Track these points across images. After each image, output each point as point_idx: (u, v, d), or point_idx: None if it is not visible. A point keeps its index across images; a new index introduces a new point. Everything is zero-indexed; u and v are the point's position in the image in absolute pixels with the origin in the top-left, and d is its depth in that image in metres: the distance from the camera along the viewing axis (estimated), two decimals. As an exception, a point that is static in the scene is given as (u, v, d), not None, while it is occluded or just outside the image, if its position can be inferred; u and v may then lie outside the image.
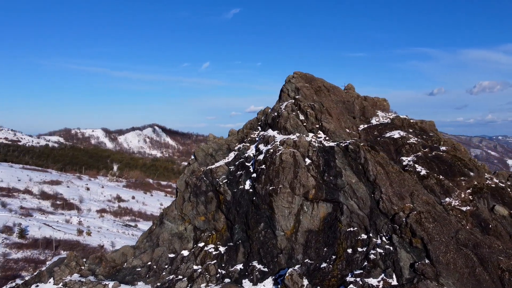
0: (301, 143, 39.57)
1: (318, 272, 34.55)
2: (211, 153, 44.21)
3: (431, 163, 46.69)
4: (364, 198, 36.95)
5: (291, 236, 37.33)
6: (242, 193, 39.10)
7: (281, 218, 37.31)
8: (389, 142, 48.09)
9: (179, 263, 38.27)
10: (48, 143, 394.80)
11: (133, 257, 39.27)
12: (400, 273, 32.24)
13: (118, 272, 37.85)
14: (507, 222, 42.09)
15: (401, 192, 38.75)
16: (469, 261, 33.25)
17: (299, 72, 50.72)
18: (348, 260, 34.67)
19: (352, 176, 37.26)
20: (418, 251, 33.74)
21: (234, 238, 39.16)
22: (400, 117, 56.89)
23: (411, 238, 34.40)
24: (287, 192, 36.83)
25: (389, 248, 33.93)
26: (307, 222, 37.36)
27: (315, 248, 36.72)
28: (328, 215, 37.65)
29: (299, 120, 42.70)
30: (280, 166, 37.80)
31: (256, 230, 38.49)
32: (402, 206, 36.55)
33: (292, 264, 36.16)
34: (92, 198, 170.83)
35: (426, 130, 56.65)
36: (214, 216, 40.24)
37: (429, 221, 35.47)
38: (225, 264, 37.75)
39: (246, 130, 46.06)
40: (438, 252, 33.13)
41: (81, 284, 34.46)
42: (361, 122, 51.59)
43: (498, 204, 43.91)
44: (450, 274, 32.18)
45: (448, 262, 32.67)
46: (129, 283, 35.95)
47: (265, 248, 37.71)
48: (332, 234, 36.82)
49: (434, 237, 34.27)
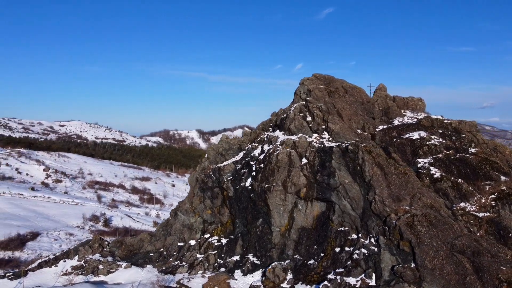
0: (300, 144, 40.73)
1: (304, 268, 35.64)
2: (221, 152, 47.35)
3: (451, 166, 44.07)
4: (357, 198, 36.95)
5: (285, 232, 38.79)
6: (242, 190, 41.57)
7: (276, 215, 38.99)
8: (406, 143, 46.34)
9: (185, 251, 42.09)
10: (148, 143, 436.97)
11: (149, 243, 44.17)
12: (380, 275, 31.98)
13: (134, 255, 43.00)
14: None
15: (400, 194, 37.71)
16: (461, 268, 31.51)
17: (318, 74, 51.30)
18: (334, 259, 35.17)
19: (346, 176, 37.47)
20: (405, 254, 32.94)
21: (235, 232, 41.80)
22: (431, 117, 53.95)
23: (399, 240, 33.66)
24: (279, 190, 38.40)
25: (373, 249, 33.71)
26: (300, 219, 38.49)
27: (306, 245, 37.76)
28: (322, 214, 38.34)
29: (304, 121, 43.73)
30: (276, 165, 39.48)
31: (254, 225, 40.67)
32: (395, 208, 35.71)
33: (283, 258, 37.67)
34: (176, 194, 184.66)
35: (460, 131, 52.95)
36: (220, 210, 43.30)
37: (422, 225, 34.22)
38: (224, 254, 40.57)
39: (258, 131, 48.25)
40: (424, 256, 31.98)
41: (99, 262, 40.21)
42: (382, 123, 50.37)
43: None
44: (435, 280, 30.98)
45: (435, 267, 31.41)
46: (140, 265, 40.72)
47: (261, 242, 39.72)
48: (324, 232, 37.49)
49: (424, 241, 33.05)
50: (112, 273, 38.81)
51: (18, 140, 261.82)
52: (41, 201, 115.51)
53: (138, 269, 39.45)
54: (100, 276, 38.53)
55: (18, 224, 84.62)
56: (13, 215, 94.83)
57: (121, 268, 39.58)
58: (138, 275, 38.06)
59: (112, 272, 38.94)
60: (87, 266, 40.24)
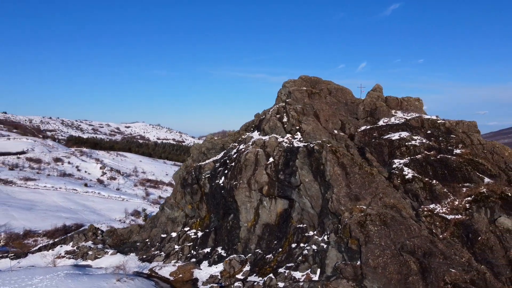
0: (270, 143, 42.49)
1: (261, 261, 37.56)
2: (204, 151, 50.06)
3: (427, 167, 43.45)
4: (315, 197, 38.11)
5: (251, 227, 40.84)
6: (216, 187, 44.08)
7: (244, 211, 41.14)
8: (384, 144, 46.13)
9: (166, 242, 45.50)
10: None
11: (137, 234, 48.11)
12: (324, 270, 33.14)
13: (123, 244, 47.17)
14: (511, 236, 37.45)
15: (360, 193, 38.21)
16: (405, 268, 31.77)
17: (304, 76, 52.36)
18: (288, 254, 36.71)
19: (307, 175, 38.73)
20: (352, 252, 33.71)
21: (210, 226, 44.51)
22: (422, 117, 52.85)
23: (349, 239, 34.50)
24: (244, 187, 40.48)
25: (323, 246, 34.86)
26: (265, 216, 40.34)
27: (268, 240, 39.59)
28: (284, 211, 39.90)
29: (280, 122, 45.30)
30: (243, 164, 41.59)
31: (226, 220, 43.13)
32: (351, 207, 36.39)
33: (246, 252, 39.82)
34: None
35: (453, 132, 51.41)
36: (199, 205, 46.18)
37: (375, 224, 34.67)
38: (198, 246, 43.42)
39: (241, 132, 50.37)
40: (369, 255, 32.55)
41: (89, 249, 44.80)
42: (366, 123, 50.40)
43: (507, 217, 39.03)
44: (376, 278, 31.53)
45: (377, 266, 31.91)
46: (125, 253, 44.71)
47: (230, 236, 42.11)
48: (284, 229, 39.09)
49: (372, 240, 33.55)
50: (98, 258, 43.21)
51: (85, 140, 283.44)
52: (91, 196, 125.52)
53: (121, 256, 43.52)
54: (88, 261, 43.10)
55: (67, 216, 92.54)
56: (64, 208, 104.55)
57: (107, 255, 43.89)
58: (119, 262, 42.07)
59: (99, 258, 43.34)
60: (78, 252, 45.09)
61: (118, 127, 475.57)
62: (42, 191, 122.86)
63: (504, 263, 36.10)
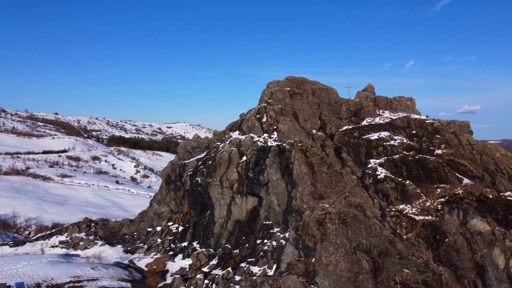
0: (245, 143, 43.91)
1: (228, 256, 39.15)
2: (189, 150, 52.06)
3: (402, 167, 43.23)
4: (282, 195, 39.16)
5: (224, 223, 42.50)
6: (196, 184, 46.05)
7: (218, 207, 42.87)
8: (362, 144, 46.14)
9: (151, 235, 48.07)
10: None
11: (127, 227, 51.08)
12: (279, 266, 34.24)
13: (113, 236, 50.28)
14: (482, 239, 37.08)
15: (325, 192, 38.82)
16: (357, 266, 32.28)
17: (290, 77, 53.13)
18: (252, 249, 38.07)
19: (274, 174, 39.83)
20: (308, 249, 34.53)
21: (190, 221, 46.61)
22: (409, 117, 52.16)
23: (307, 236, 35.36)
24: (217, 185, 42.17)
25: (281, 243, 35.96)
26: (237, 212, 41.85)
27: (237, 236, 41.11)
28: (254, 208, 41.22)
29: (258, 122, 46.54)
30: (218, 162, 43.26)
31: (203, 216, 45.04)
32: (313, 206, 37.15)
33: (217, 247, 41.56)
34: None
35: (440, 132, 50.38)
36: (181, 201, 48.35)
37: (333, 223, 35.26)
38: (177, 240, 45.60)
39: (226, 131, 51.97)
40: (323, 252, 33.26)
41: (81, 240, 48.25)
42: (349, 123, 50.53)
43: (480, 219, 38.51)
44: (327, 275, 32.24)
45: (329, 263, 32.59)
46: (113, 245, 47.69)
47: (205, 231, 44.00)
48: (253, 225, 40.45)
49: (328, 238, 34.19)
50: (88, 249, 46.48)
51: (126, 140, 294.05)
52: (121, 193, 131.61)
53: (108, 247, 46.57)
54: (78, 251, 46.48)
55: (94, 211, 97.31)
56: (94, 203, 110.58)
57: (96, 246, 47.09)
58: (105, 252, 45.15)
59: (88, 248, 46.62)
60: (70, 242, 48.63)
61: (160, 127, 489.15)
62: (76, 187, 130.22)
63: (469, 266, 35.59)
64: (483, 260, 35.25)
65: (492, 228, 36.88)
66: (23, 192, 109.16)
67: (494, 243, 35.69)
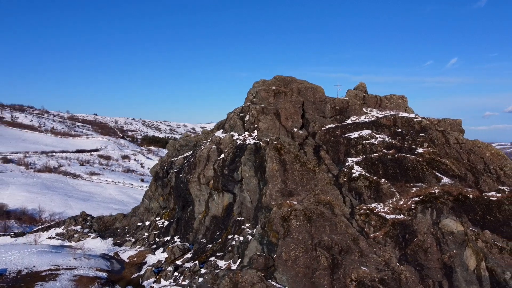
0: (224, 141, 45.20)
1: (201, 250, 40.64)
2: (177, 148, 53.78)
3: (379, 166, 43.08)
4: (254, 191, 40.18)
5: (202, 219, 44.01)
6: (179, 181, 47.80)
7: (197, 203, 44.46)
8: (342, 142, 46.19)
9: (140, 229, 50.34)
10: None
11: (120, 221, 53.64)
12: (242, 261, 35.36)
13: (106, 230, 52.99)
14: (454, 239, 36.96)
15: (295, 189, 39.42)
16: (315, 263, 32.90)
17: (279, 76, 53.73)
18: (224, 244, 39.36)
19: (248, 171, 40.87)
20: (272, 245, 35.44)
21: (174, 216, 48.46)
22: (396, 115, 51.57)
23: (271, 232, 36.24)
24: (195, 181, 43.71)
25: (248, 238, 37.04)
26: (214, 208, 43.24)
27: (213, 231, 42.54)
28: (229, 204, 42.48)
29: (240, 120, 47.63)
30: (198, 159, 44.82)
31: (185, 211, 46.76)
32: (281, 202, 37.92)
33: (195, 241, 43.15)
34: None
35: (427, 130, 49.56)
36: (168, 197, 50.28)
37: (298, 219, 35.95)
38: (162, 235, 47.57)
39: (214, 130, 53.36)
40: (284, 248, 34.05)
41: (75, 232, 51.25)
42: (333, 122, 50.65)
43: (454, 219, 38.26)
44: (286, 271, 33.03)
45: (288, 259, 33.37)
46: (105, 237, 50.38)
47: (186, 226, 45.70)
48: (227, 221, 41.73)
49: (291, 234, 34.93)
50: (81, 241, 49.31)
51: (159, 139, 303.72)
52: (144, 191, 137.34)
53: (99, 240, 49.28)
54: (72, 242, 49.42)
55: (116, 208, 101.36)
56: (117, 200, 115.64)
57: (89, 238, 49.92)
58: (96, 244, 47.86)
59: (82, 240, 49.46)
60: (66, 234, 51.72)
61: (194, 127, 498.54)
62: (103, 185, 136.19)
63: (436, 266, 35.31)
64: (452, 261, 34.92)
65: (465, 228, 36.42)
66: (52, 189, 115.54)
67: (466, 243, 35.26)
